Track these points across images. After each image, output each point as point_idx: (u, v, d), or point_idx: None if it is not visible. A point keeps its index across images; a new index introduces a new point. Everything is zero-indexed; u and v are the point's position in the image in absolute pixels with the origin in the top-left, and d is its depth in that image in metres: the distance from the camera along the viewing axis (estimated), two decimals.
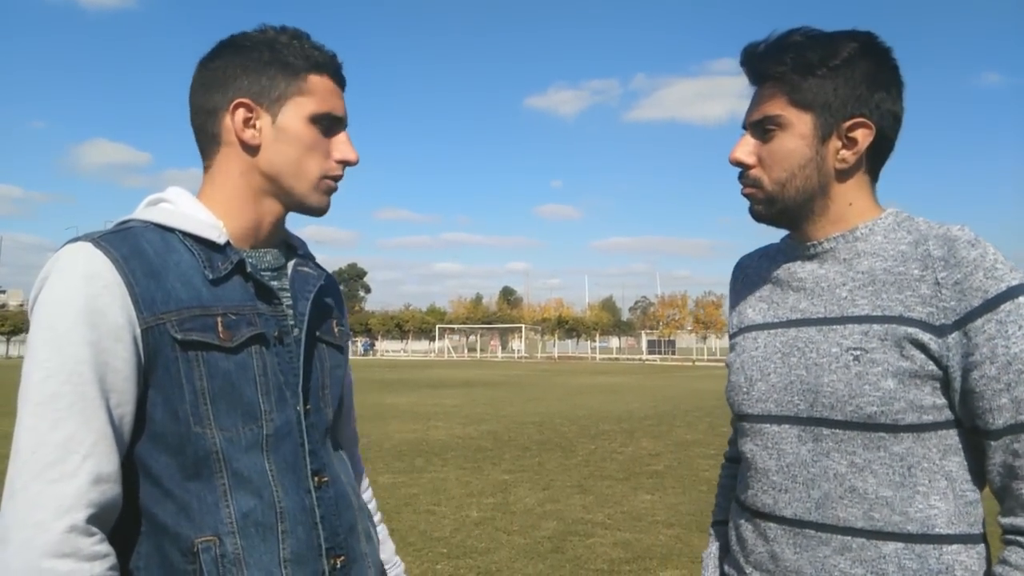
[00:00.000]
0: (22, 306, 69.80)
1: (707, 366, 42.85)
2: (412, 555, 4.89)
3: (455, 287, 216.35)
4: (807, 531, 1.11)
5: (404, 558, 5.20)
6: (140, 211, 1.11)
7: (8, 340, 55.49)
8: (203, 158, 1.15)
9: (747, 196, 1.20)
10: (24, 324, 50.28)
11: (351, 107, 1.18)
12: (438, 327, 65.72)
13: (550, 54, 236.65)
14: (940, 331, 1.04)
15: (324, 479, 1.12)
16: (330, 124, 1.14)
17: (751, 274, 1.34)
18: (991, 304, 1.02)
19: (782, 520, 1.14)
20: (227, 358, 1.04)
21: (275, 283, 1.15)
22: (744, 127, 1.20)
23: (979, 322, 1.02)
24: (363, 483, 1.39)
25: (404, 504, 6.31)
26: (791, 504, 1.13)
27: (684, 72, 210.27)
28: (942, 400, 1.07)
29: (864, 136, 1.13)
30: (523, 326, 65.67)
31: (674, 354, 59.10)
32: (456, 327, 67.39)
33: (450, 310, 72.74)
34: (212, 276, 1.06)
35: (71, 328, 0.96)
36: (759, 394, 1.19)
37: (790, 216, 1.19)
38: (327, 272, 1.26)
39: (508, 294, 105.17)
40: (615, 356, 64.82)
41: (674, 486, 7.10)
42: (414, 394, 18.82)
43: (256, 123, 1.11)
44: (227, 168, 1.13)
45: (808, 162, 1.14)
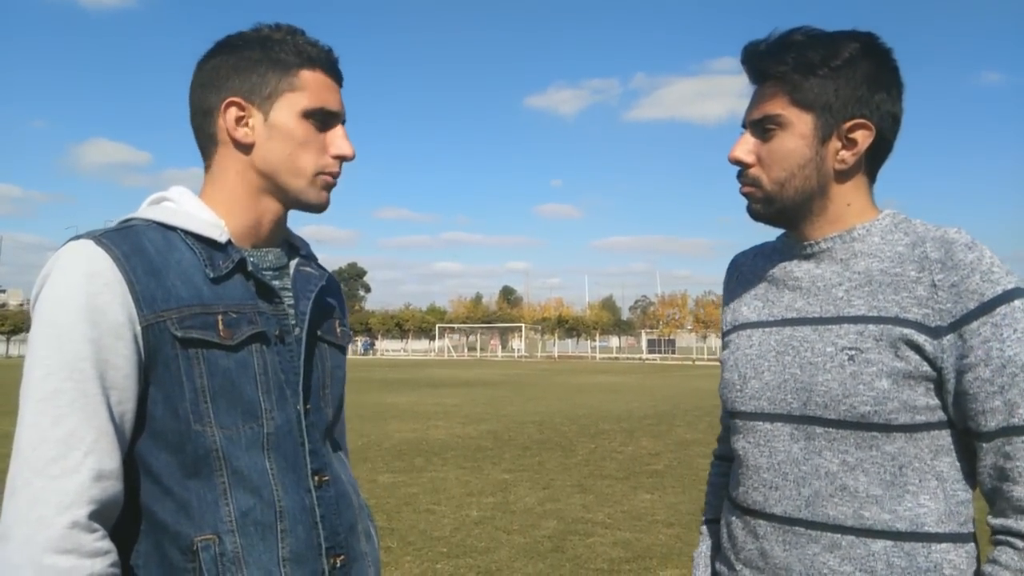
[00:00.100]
0: (22, 306, 69.80)
1: (707, 365, 42.83)
2: (412, 554, 4.89)
3: (455, 286, 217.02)
4: (797, 528, 1.11)
5: (404, 557, 5.17)
6: (143, 210, 1.11)
7: (8, 339, 55.45)
8: (203, 158, 1.16)
9: (745, 195, 1.20)
10: (24, 323, 50.32)
11: (350, 106, 1.17)
12: (438, 327, 65.70)
13: (550, 53, 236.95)
14: (935, 333, 1.05)
15: (324, 478, 1.12)
16: (325, 119, 1.13)
17: (746, 272, 1.34)
18: (987, 307, 1.02)
19: (772, 517, 1.14)
20: (227, 356, 1.04)
21: (277, 282, 1.15)
22: (743, 126, 1.20)
23: (974, 325, 1.02)
24: None
25: (404, 503, 6.31)
26: (781, 502, 1.13)
27: (684, 71, 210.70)
28: (935, 401, 1.07)
29: (864, 137, 1.13)
30: (523, 325, 65.61)
31: (674, 353, 59.00)
32: (456, 327, 67.35)
33: (450, 309, 72.63)
34: (213, 275, 1.06)
35: (72, 325, 0.96)
36: (752, 392, 1.19)
37: (788, 216, 1.19)
38: (329, 272, 1.26)
39: (508, 293, 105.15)
40: (615, 355, 64.75)
41: (674, 485, 7.10)
42: (414, 393, 18.82)
43: (249, 121, 1.11)
44: (224, 167, 1.13)
45: (808, 162, 1.14)
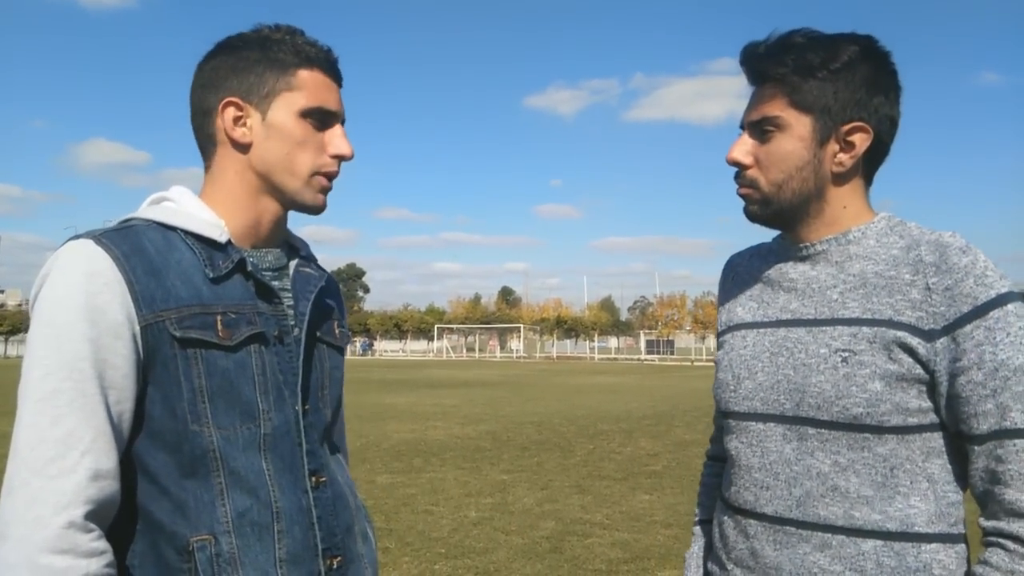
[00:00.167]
0: (21, 306, 69.76)
1: (705, 366, 42.81)
2: (410, 555, 4.89)
3: (454, 287, 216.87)
4: (787, 528, 1.12)
5: (402, 558, 5.17)
6: (143, 209, 1.11)
7: (7, 340, 55.39)
8: (203, 158, 1.16)
9: (742, 196, 1.21)
10: (23, 324, 50.26)
11: (349, 105, 1.17)
12: (437, 327, 65.67)
13: (549, 53, 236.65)
14: (929, 336, 1.05)
15: (322, 479, 1.12)
16: (323, 118, 1.13)
17: (742, 273, 1.34)
18: (980, 311, 1.03)
19: (763, 517, 1.14)
20: (226, 356, 1.04)
21: (276, 283, 1.15)
22: (742, 127, 1.20)
23: (968, 328, 1.03)
24: None
25: (402, 504, 6.31)
26: (772, 501, 1.14)
27: (683, 72, 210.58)
28: (928, 403, 1.08)
29: (862, 140, 1.13)
30: (522, 326, 65.61)
31: (673, 354, 59.05)
32: (455, 327, 67.33)
33: (449, 310, 72.60)
34: (213, 275, 1.06)
35: (71, 325, 0.96)
36: (746, 392, 1.19)
37: (785, 218, 1.19)
38: (328, 273, 1.26)
39: (507, 294, 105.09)
40: (614, 356, 64.79)
41: (672, 486, 7.10)
42: (413, 394, 18.82)
43: (247, 121, 1.11)
44: (224, 168, 1.13)
45: (806, 164, 1.14)
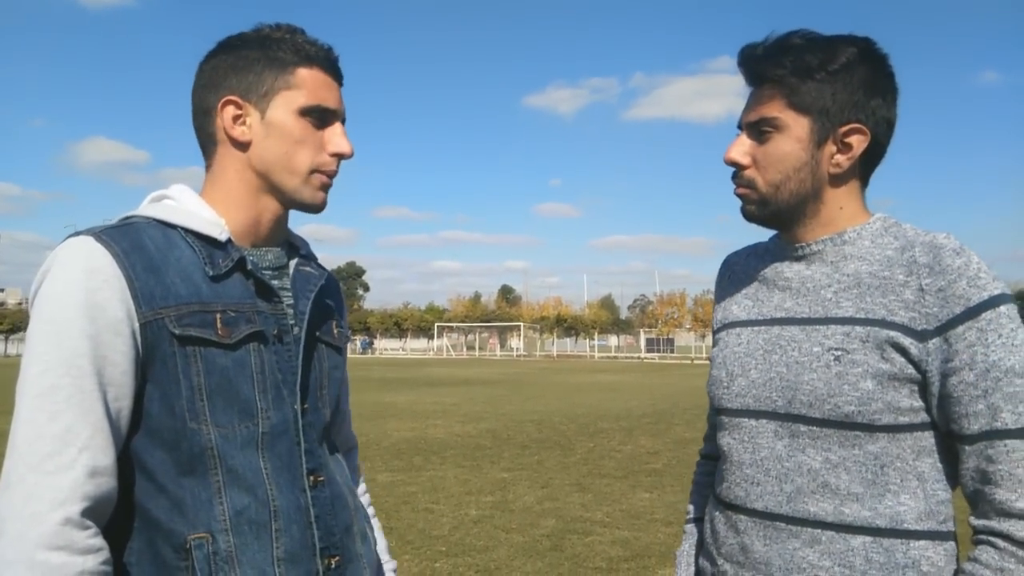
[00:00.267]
0: (20, 304, 69.68)
1: (705, 364, 42.72)
2: (411, 553, 4.90)
3: (454, 285, 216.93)
4: (777, 524, 1.12)
5: (403, 556, 5.17)
6: (143, 207, 1.11)
7: (7, 338, 55.39)
8: (204, 157, 1.16)
9: (740, 196, 1.21)
10: (22, 322, 50.23)
11: (349, 105, 1.17)
12: (437, 325, 65.62)
13: (549, 53, 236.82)
14: (921, 336, 1.06)
15: (320, 478, 1.12)
16: (322, 117, 1.13)
17: (738, 271, 1.35)
18: (973, 312, 1.03)
19: (753, 512, 1.15)
20: (225, 355, 1.04)
21: (276, 282, 1.15)
22: (739, 127, 1.20)
23: (960, 329, 1.04)
24: (360, 487, 1.38)
25: (403, 502, 6.32)
26: (762, 497, 1.14)
27: (682, 71, 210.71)
28: (919, 403, 1.08)
29: (859, 142, 1.14)
30: (522, 324, 65.55)
31: (672, 352, 58.97)
32: (455, 325, 67.30)
33: (449, 308, 72.51)
34: (212, 273, 1.06)
35: (70, 321, 0.96)
36: (739, 389, 1.20)
37: (781, 218, 1.20)
38: (328, 272, 1.26)
39: (507, 292, 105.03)
40: (614, 354, 64.75)
41: (672, 484, 7.10)
42: (413, 392, 18.82)
43: (246, 120, 1.11)
44: (224, 166, 1.14)
45: (803, 166, 1.14)
